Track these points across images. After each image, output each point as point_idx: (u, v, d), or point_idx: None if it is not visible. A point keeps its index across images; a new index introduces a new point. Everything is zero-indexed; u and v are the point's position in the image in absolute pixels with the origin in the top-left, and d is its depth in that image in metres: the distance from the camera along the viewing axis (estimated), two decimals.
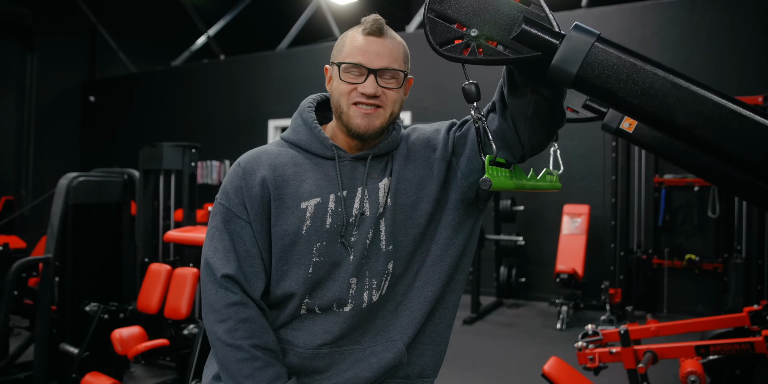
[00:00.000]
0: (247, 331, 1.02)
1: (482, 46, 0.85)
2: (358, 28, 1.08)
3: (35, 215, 7.59)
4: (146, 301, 2.90)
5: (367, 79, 1.04)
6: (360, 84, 1.04)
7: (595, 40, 0.79)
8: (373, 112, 1.05)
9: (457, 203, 1.11)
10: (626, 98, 0.78)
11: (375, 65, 1.04)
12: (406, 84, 1.11)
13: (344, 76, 1.06)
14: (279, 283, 1.08)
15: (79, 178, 3.20)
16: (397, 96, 1.08)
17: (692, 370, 2.42)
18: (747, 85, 4.96)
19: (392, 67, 1.05)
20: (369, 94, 1.04)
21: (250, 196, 1.07)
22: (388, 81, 1.06)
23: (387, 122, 1.08)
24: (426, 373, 1.15)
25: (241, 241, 1.06)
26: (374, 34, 1.05)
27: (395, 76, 1.06)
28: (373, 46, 1.04)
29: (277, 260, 1.08)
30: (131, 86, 9.32)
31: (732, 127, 0.74)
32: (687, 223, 5.31)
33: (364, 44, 1.05)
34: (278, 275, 1.08)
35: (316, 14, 8.17)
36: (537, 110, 0.96)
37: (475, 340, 4.48)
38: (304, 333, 1.07)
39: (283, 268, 1.07)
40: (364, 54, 1.04)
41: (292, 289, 1.07)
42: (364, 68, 1.04)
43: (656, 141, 1.49)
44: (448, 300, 1.15)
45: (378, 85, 1.04)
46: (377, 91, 1.04)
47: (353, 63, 1.04)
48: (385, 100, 1.06)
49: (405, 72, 1.08)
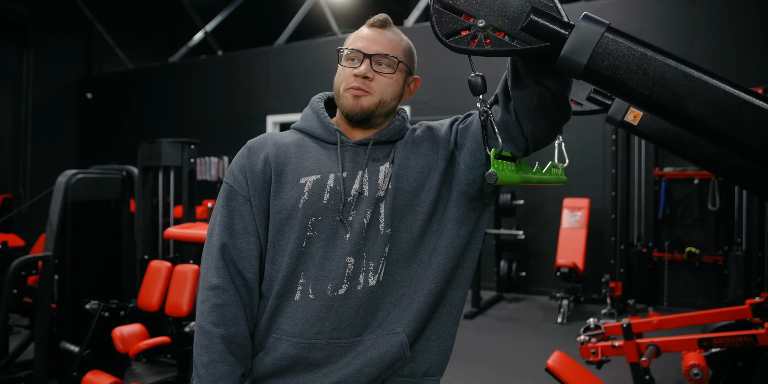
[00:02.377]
0: (218, 317, 1.05)
1: (490, 37, 0.83)
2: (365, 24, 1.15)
3: (33, 213, 7.56)
4: (147, 298, 2.89)
5: (362, 62, 1.10)
6: (356, 68, 1.10)
7: (605, 30, 0.78)
8: (362, 94, 1.10)
9: (460, 197, 1.10)
10: (637, 89, 0.77)
11: (370, 50, 1.10)
12: (410, 79, 1.17)
13: (344, 62, 1.12)
14: (275, 258, 1.09)
15: (78, 175, 3.18)
16: (389, 82, 1.12)
17: (695, 364, 2.42)
18: (746, 77, 4.95)
19: (387, 53, 1.11)
20: (360, 74, 1.09)
21: (252, 173, 1.10)
22: (382, 67, 1.11)
23: (375, 106, 1.11)
24: (432, 372, 1.13)
25: (240, 218, 1.10)
26: (376, 26, 1.13)
27: (389, 64, 1.11)
28: (372, 34, 1.12)
29: (273, 235, 1.09)
30: (129, 83, 9.28)
31: (745, 118, 0.73)
32: (687, 216, 5.32)
33: (365, 33, 1.13)
34: (274, 251, 1.09)
35: (313, 9, 8.13)
36: (541, 102, 0.95)
37: (476, 334, 4.48)
38: (299, 321, 1.06)
39: (280, 242, 1.08)
40: (363, 40, 1.11)
41: (286, 264, 1.07)
42: (361, 53, 1.10)
43: (661, 133, 1.48)
44: (454, 295, 1.14)
45: (371, 69, 1.10)
46: (369, 73, 1.09)
47: (352, 48, 1.11)
48: (374, 85, 1.10)
49: (399, 59, 1.12)
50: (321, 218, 1.07)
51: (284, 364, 1.07)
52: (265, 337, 1.09)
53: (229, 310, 1.05)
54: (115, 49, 9.22)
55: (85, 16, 9.07)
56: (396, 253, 1.09)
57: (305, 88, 7.21)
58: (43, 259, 3.04)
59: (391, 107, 1.14)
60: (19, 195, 8.28)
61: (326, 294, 1.05)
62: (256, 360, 1.09)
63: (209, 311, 1.05)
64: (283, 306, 1.08)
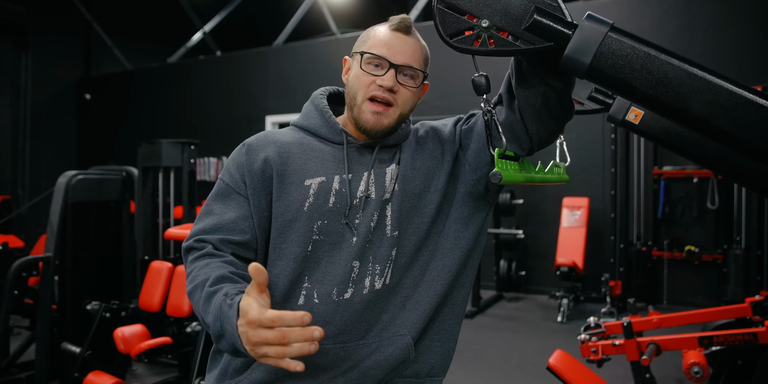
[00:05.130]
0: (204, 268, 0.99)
1: (493, 37, 0.84)
2: (385, 23, 1.08)
3: (32, 214, 7.56)
4: (148, 298, 2.89)
5: (387, 72, 1.04)
6: (379, 77, 1.04)
7: (608, 29, 0.78)
8: (384, 110, 1.05)
9: (465, 197, 1.10)
10: (641, 88, 0.77)
11: (397, 60, 1.04)
12: (422, 87, 1.11)
13: (365, 67, 1.06)
14: (275, 262, 1.04)
15: (78, 176, 3.18)
16: (411, 96, 1.08)
17: (695, 362, 2.43)
18: (745, 76, 4.95)
19: (413, 65, 1.06)
20: (387, 86, 1.04)
21: (251, 171, 1.06)
22: (407, 79, 1.06)
23: (396, 122, 1.08)
24: (435, 372, 1.12)
25: (236, 208, 1.06)
26: (401, 31, 1.06)
27: (414, 76, 1.07)
28: (398, 42, 1.05)
29: (276, 237, 1.05)
30: (127, 83, 9.27)
31: (749, 117, 0.73)
32: (686, 215, 5.32)
33: (390, 38, 1.06)
34: (275, 255, 1.05)
35: (312, 9, 8.13)
36: (546, 101, 0.95)
37: (476, 333, 4.48)
38: None
39: (282, 245, 1.04)
40: (389, 47, 1.05)
41: (289, 267, 1.03)
42: (386, 61, 1.04)
43: (662, 132, 1.48)
44: (457, 295, 1.13)
45: (396, 81, 1.05)
46: (395, 86, 1.04)
47: (377, 54, 1.05)
48: (398, 98, 1.06)
49: (425, 73, 1.08)
50: (327, 221, 1.04)
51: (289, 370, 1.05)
52: None
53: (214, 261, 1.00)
54: (114, 49, 9.21)
55: (83, 17, 9.05)
56: (402, 255, 1.07)
57: (304, 88, 7.21)
58: (44, 260, 3.04)
59: (405, 118, 1.11)
60: (18, 196, 8.28)
61: (331, 298, 1.03)
62: (257, 364, 1.06)
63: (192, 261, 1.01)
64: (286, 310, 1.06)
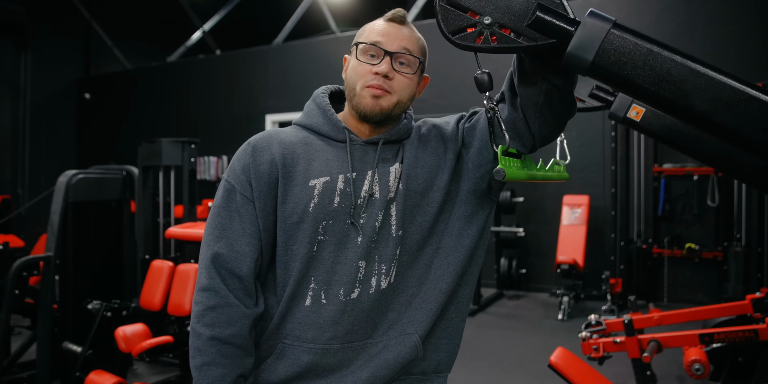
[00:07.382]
0: (211, 319, 1.01)
1: (496, 34, 0.83)
2: (380, 18, 1.11)
3: (32, 214, 7.56)
4: (149, 298, 2.89)
5: (383, 60, 1.05)
6: (375, 65, 1.05)
7: (611, 26, 0.78)
8: (382, 93, 1.06)
9: (468, 195, 1.10)
10: (643, 85, 0.77)
11: (392, 47, 1.06)
12: (421, 78, 1.13)
13: (361, 57, 1.07)
14: (287, 263, 1.05)
15: (79, 175, 3.18)
16: (408, 83, 1.08)
17: (696, 359, 2.43)
18: (745, 73, 4.95)
19: (408, 48, 1.07)
20: (383, 72, 1.04)
21: (257, 173, 1.05)
22: (403, 67, 1.07)
23: (393, 106, 1.08)
24: (441, 368, 1.13)
25: (240, 219, 1.05)
26: (395, 21, 1.08)
27: (410, 63, 1.08)
28: (392, 30, 1.07)
29: (285, 240, 1.05)
30: (127, 83, 9.27)
31: (751, 113, 0.73)
32: (686, 212, 5.33)
33: (384, 28, 1.08)
34: (287, 256, 1.05)
35: (312, 8, 8.12)
36: (548, 99, 0.95)
37: (478, 331, 4.49)
38: (311, 327, 1.04)
39: (291, 247, 1.05)
40: (383, 36, 1.06)
41: (297, 269, 1.04)
42: (381, 49, 1.05)
43: (664, 129, 1.48)
44: (462, 293, 1.14)
45: (392, 68, 1.06)
46: (390, 72, 1.05)
47: (371, 42, 1.06)
48: (394, 85, 1.06)
49: (420, 59, 1.09)
50: (332, 222, 1.04)
51: (297, 371, 1.05)
52: (274, 342, 1.07)
53: (223, 311, 1.02)
54: (113, 49, 9.20)
55: (82, 17, 9.04)
56: (406, 254, 1.07)
57: (304, 87, 7.20)
58: (45, 259, 3.04)
59: (405, 107, 1.11)
60: (17, 196, 8.28)
61: (339, 299, 1.03)
62: (265, 366, 1.07)
63: (202, 313, 1.02)
64: (293, 311, 1.05)
